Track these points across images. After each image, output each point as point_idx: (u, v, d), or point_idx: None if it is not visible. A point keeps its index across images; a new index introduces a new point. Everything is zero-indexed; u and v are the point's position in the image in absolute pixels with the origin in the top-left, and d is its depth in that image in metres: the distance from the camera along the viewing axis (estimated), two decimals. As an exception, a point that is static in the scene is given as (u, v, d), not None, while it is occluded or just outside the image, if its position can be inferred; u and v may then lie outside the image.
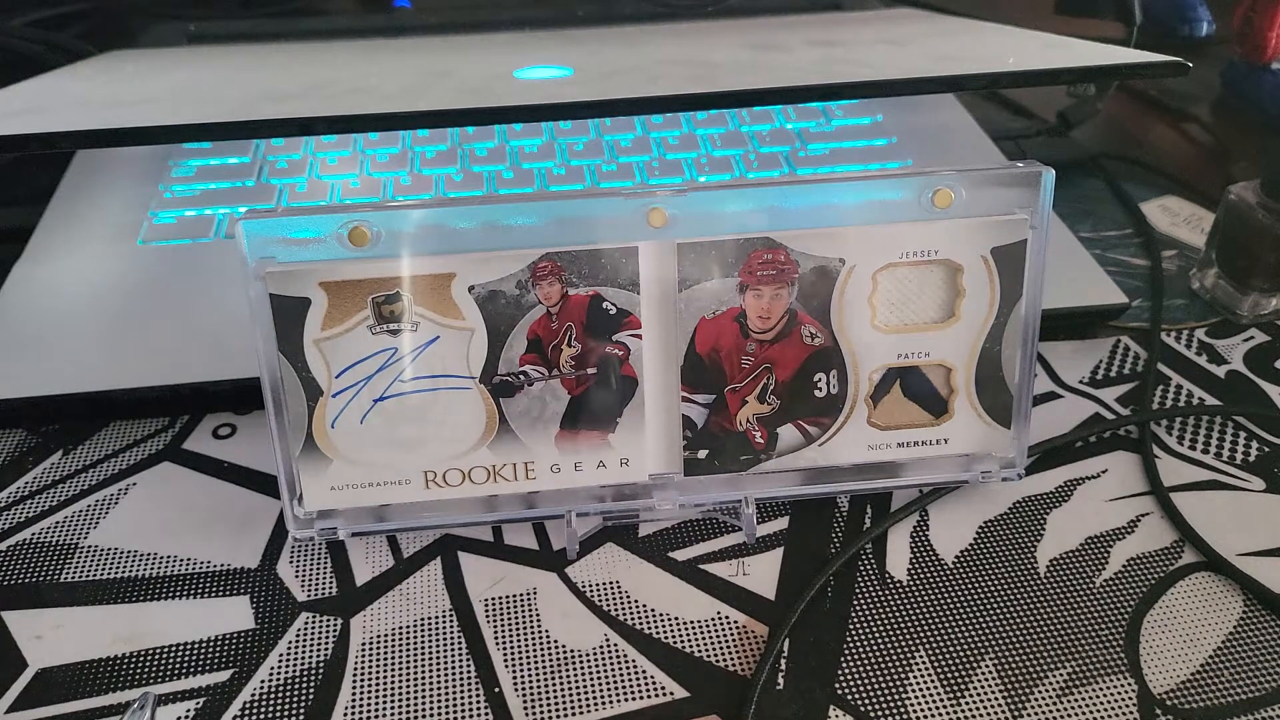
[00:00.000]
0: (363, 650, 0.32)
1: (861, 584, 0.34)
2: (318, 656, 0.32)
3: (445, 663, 0.32)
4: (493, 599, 0.34)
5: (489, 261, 0.30)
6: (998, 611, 0.33)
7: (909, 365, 0.33)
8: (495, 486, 0.33)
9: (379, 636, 0.32)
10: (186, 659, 0.32)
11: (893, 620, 0.33)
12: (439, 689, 0.31)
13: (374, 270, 0.30)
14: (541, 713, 0.30)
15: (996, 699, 0.31)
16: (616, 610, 0.33)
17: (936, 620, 0.33)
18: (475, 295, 0.31)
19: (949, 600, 0.33)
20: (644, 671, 0.31)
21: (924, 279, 0.33)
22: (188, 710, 0.30)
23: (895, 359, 0.33)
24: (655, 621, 0.33)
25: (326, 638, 0.32)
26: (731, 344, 0.33)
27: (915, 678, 0.31)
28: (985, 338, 0.33)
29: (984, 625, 0.33)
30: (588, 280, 0.31)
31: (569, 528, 0.34)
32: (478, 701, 0.31)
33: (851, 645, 0.32)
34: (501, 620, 0.33)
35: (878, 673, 0.31)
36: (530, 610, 0.33)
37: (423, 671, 0.31)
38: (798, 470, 0.34)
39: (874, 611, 0.33)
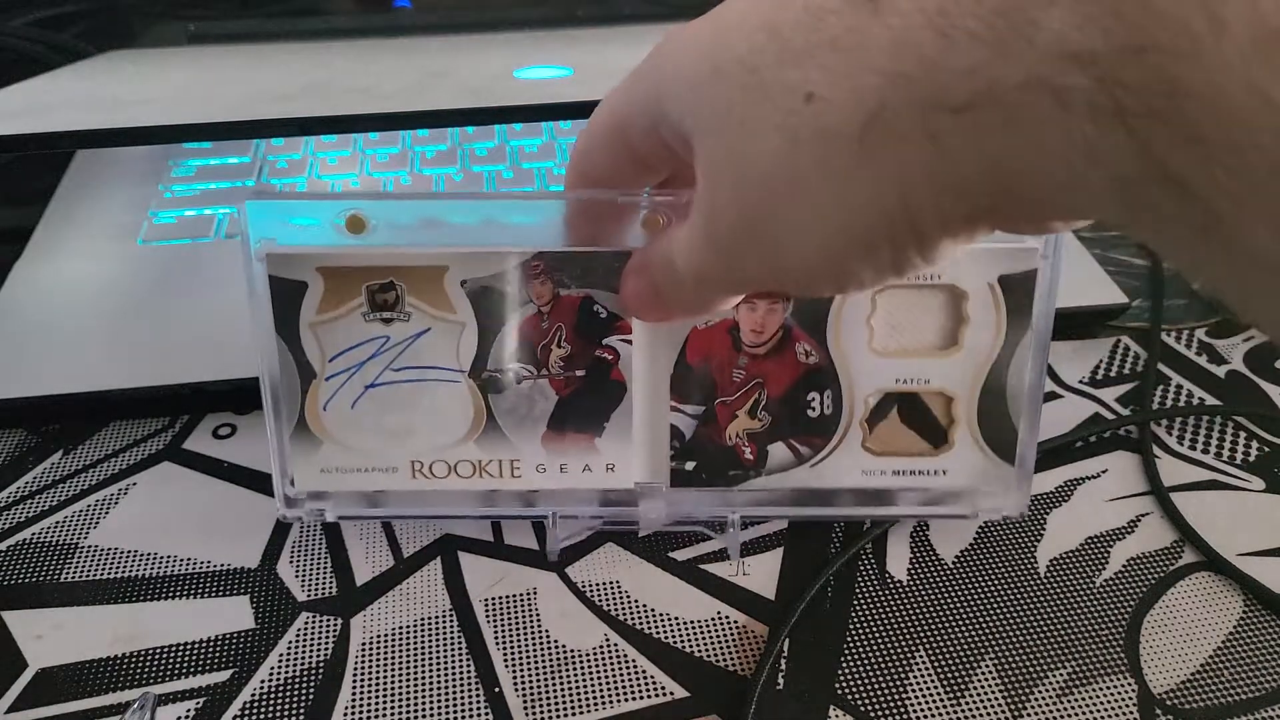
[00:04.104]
0: (363, 650, 0.32)
1: (861, 584, 0.34)
2: (318, 656, 0.32)
3: (445, 663, 0.32)
4: (493, 599, 0.34)
5: (482, 257, 0.30)
6: (998, 611, 0.33)
7: (907, 391, 0.32)
8: (480, 482, 0.33)
9: (379, 636, 0.32)
10: (186, 659, 0.32)
11: (893, 620, 0.33)
12: (439, 689, 0.31)
13: (370, 258, 0.30)
14: (541, 713, 0.30)
15: (996, 699, 0.31)
16: (616, 610, 0.33)
17: (936, 620, 0.33)
18: (467, 290, 0.31)
19: (949, 600, 0.33)
20: (644, 671, 0.31)
21: (926, 303, 0.31)
22: (188, 710, 0.30)
23: (893, 384, 0.32)
24: (655, 621, 0.33)
25: (326, 638, 0.32)
26: (723, 356, 0.32)
27: (915, 678, 0.31)
28: (990, 369, 0.32)
29: (984, 625, 0.33)
30: (580, 282, 0.31)
31: (552, 529, 0.34)
32: (478, 701, 0.31)
33: (851, 645, 0.32)
34: (501, 620, 0.33)
35: (878, 673, 0.31)
36: (530, 610, 0.33)
37: (423, 671, 0.31)
38: (788, 489, 0.33)
39: (874, 611, 0.33)
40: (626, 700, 0.31)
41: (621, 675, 0.31)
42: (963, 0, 0.17)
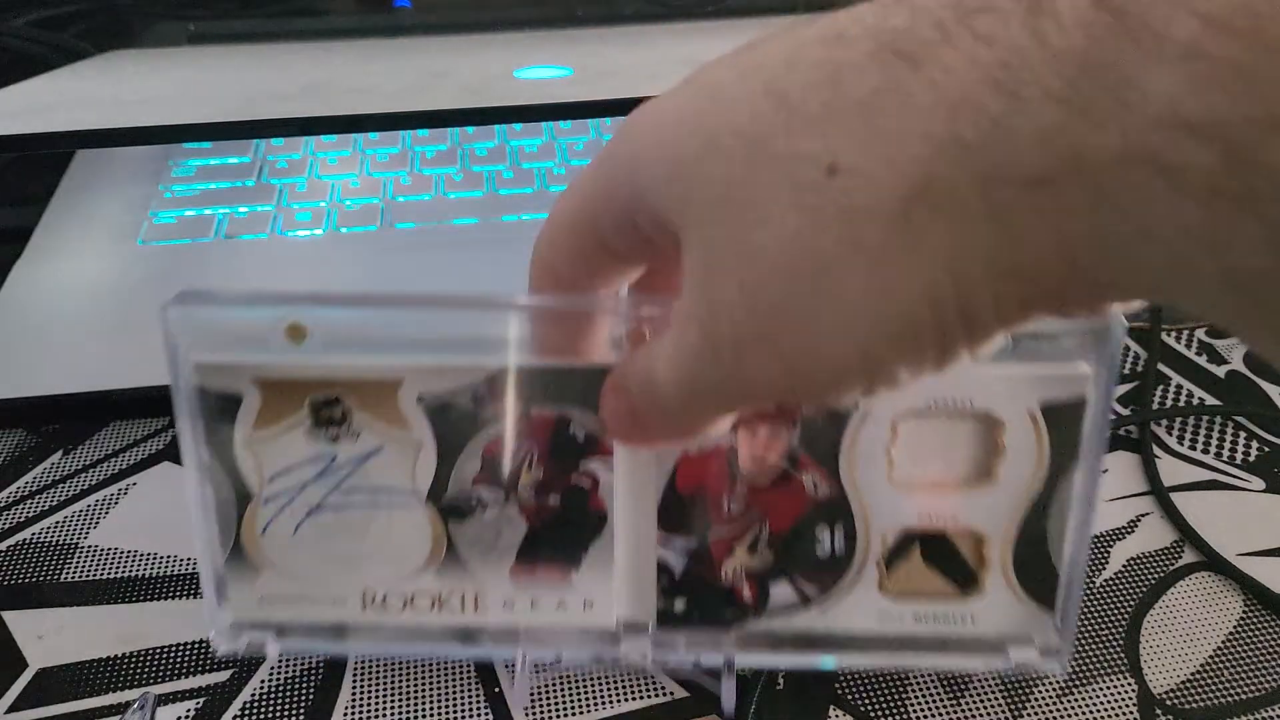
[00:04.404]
0: (363, 650, 0.32)
1: (861, 584, 0.34)
2: (318, 656, 0.32)
3: (445, 663, 0.32)
4: (493, 599, 0.34)
5: (441, 370, 0.27)
6: (998, 611, 0.33)
7: (932, 530, 0.28)
8: (440, 617, 0.29)
9: (379, 636, 0.32)
10: (186, 659, 0.32)
11: (893, 620, 0.33)
12: (439, 689, 0.31)
13: (313, 370, 0.27)
14: (541, 713, 0.30)
15: (996, 699, 0.31)
16: (616, 610, 0.33)
17: (936, 620, 0.33)
18: (424, 406, 0.27)
19: (949, 600, 0.33)
20: (644, 671, 0.31)
21: (955, 432, 0.27)
22: (188, 710, 0.30)
23: (916, 520, 0.28)
24: (655, 621, 0.33)
25: (326, 638, 0.32)
26: (719, 485, 0.28)
27: (915, 677, 0.31)
28: (1029, 507, 0.28)
29: (984, 625, 0.33)
30: (554, 400, 0.27)
31: (520, 673, 0.30)
32: (478, 701, 0.31)
33: (851, 645, 0.32)
34: (501, 620, 0.33)
35: (878, 673, 0.31)
36: (530, 610, 0.33)
37: (423, 671, 0.31)
38: (792, 633, 0.29)
39: (874, 611, 0.33)
40: (626, 700, 0.31)
41: (621, 675, 0.31)
42: (1032, 53, 0.14)
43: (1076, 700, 0.30)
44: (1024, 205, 0.15)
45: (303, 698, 0.31)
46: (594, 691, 0.31)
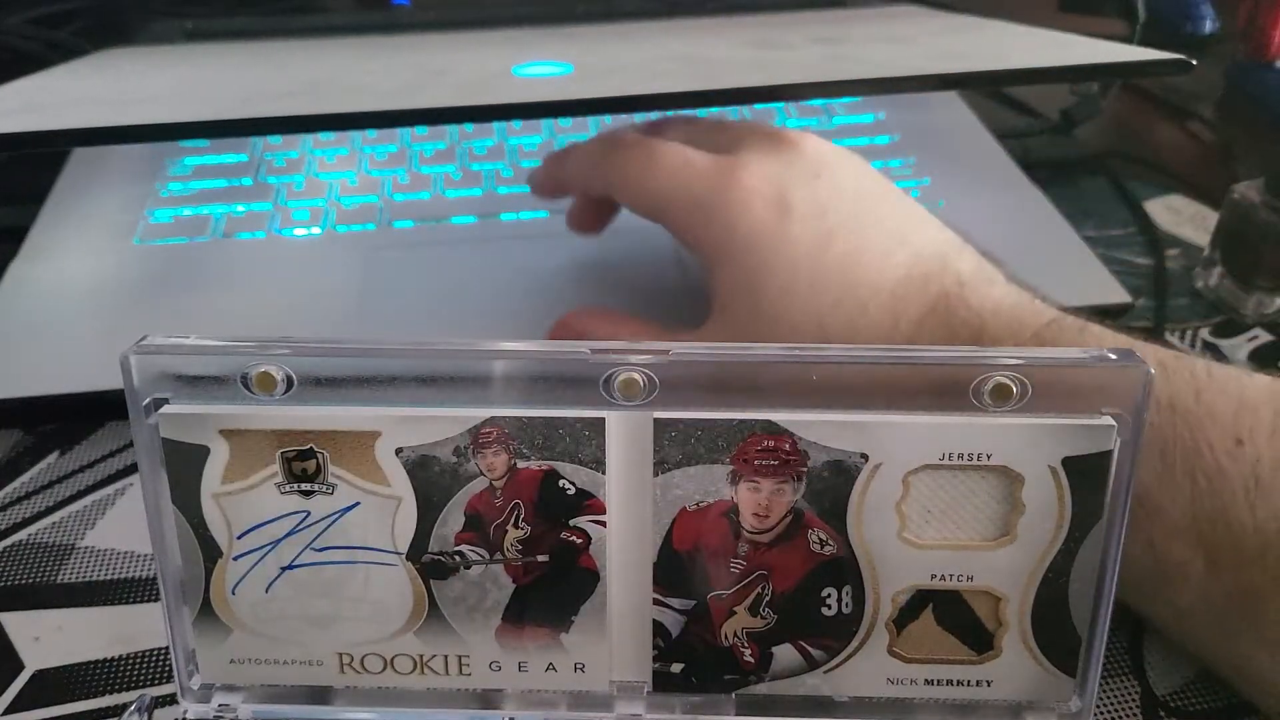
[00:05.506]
0: (361, 652, 0.32)
1: (863, 585, 0.34)
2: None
3: (444, 665, 0.31)
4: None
5: (422, 422, 0.26)
6: (1000, 613, 0.33)
7: (945, 589, 0.27)
8: (422, 680, 0.28)
9: (378, 638, 0.32)
10: (184, 661, 0.32)
11: (895, 622, 0.33)
12: (438, 691, 0.31)
13: (285, 421, 0.26)
14: (541, 715, 0.30)
15: None
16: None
17: (939, 622, 0.33)
18: (404, 459, 0.26)
19: (951, 601, 0.33)
20: (644, 673, 0.31)
21: (971, 488, 0.26)
22: (185, 711, 0.30)
23: (928, 580, 0.27)
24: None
25: (325, 640, 0.32)
26: (719, 543, 0.27)
27: (918, 680, 0.31)
28: (1048, 566, 0.26)
29: (987, 627, 0.33)
30: (541, 453, 0.26)
31: None
32: (477, 704, 0.30)
33: (853, 647, 0.32)
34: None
35: (880, 675, 0.31)
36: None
37: (422, 674, 0.31)
38: (796, 697, 0.28)
39: (876, 613, 0.33)
40: (627, 703, 0.30)
41: (622, 677, 0.31)
42: None
43: (1080, 702, 0.30)
44: None
45: (301, 700, 0.30)
46: (594, 694, 0.31)
